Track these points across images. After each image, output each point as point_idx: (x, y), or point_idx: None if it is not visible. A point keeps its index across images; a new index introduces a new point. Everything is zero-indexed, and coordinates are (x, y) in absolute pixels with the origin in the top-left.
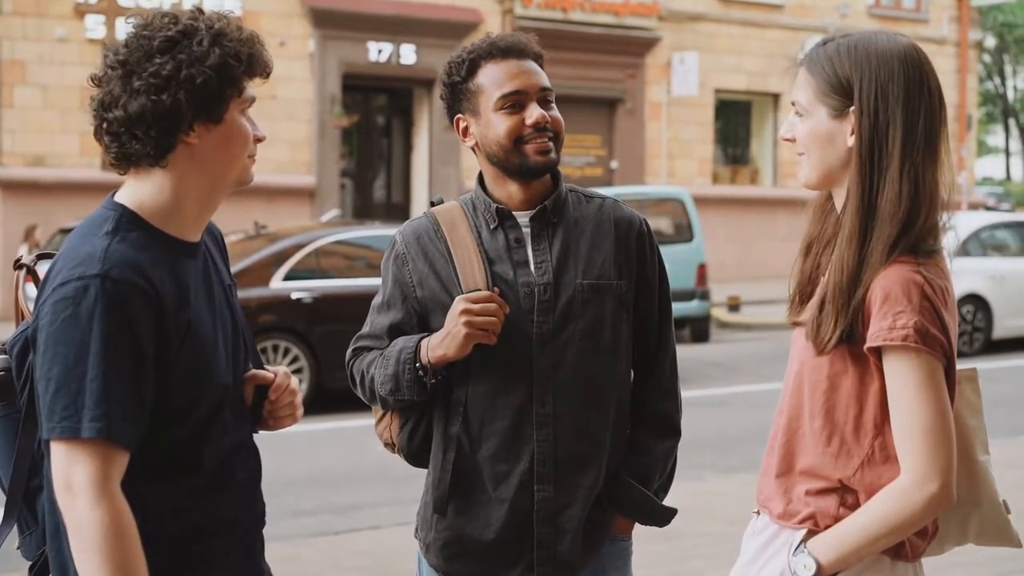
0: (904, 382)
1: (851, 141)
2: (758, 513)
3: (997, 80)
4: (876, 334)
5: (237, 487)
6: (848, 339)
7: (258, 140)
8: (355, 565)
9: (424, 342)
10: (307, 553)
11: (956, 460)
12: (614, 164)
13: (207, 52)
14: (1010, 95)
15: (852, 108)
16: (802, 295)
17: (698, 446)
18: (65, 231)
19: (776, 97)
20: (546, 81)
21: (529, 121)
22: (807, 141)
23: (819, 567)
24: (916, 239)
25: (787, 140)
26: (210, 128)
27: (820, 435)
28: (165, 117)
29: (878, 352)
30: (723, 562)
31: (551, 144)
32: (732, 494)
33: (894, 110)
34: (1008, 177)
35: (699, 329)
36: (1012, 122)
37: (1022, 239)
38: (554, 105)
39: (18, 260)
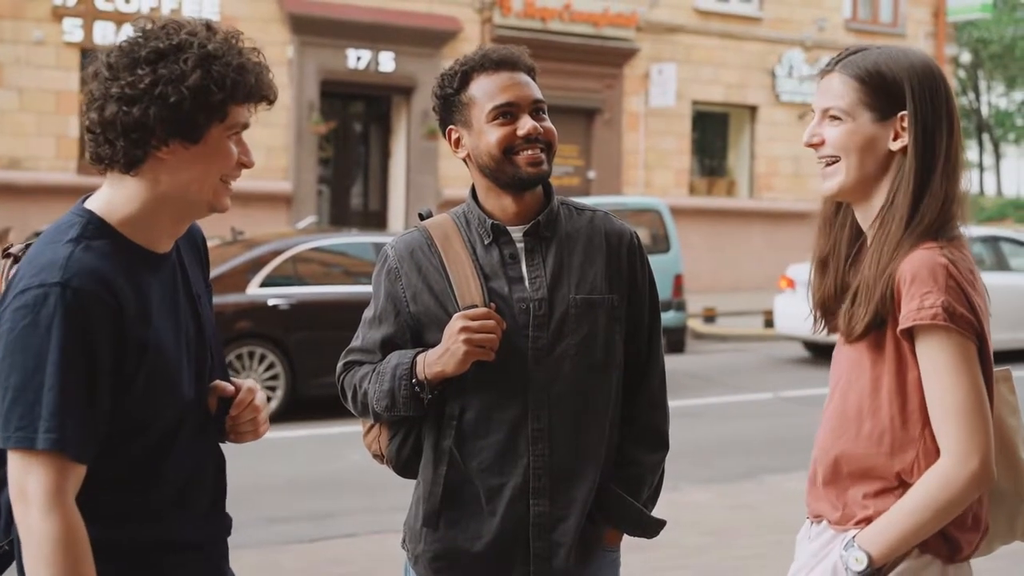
0: (936, 362)
1: (895, 145)
2: (811, 521)
3: (972, 95)
4: (906, 315)
5: (199, 503)
6: (879, 326)
7: (244, 166)
8: (331, 573)
9: (420, 358)
10: (283, 560)
11: (993, 438)
12: (591, 174)
13: (188, 73)
14: (984, 110)
15: (902, 112)
16: (825, 311)
17: (673, 457)
18: (40, 234)
19: (753, 109)
20: (538, 93)
21: (521, 132)
22: (847, 144)
23: (870, 559)
24: (938, 229)
25: (811, 144)
26: (187, 147)
27: (871, 437)
28: (134, 129)
29: (911, 337)
30: (697, 572)
31: (543, 155)
32: (707, 505)
33: (940, 115)
34: (981, 192)
35: (675, 340)
36: (986, 137)
37: (996, 253)
38: (547, 117)
39: (6, 249)
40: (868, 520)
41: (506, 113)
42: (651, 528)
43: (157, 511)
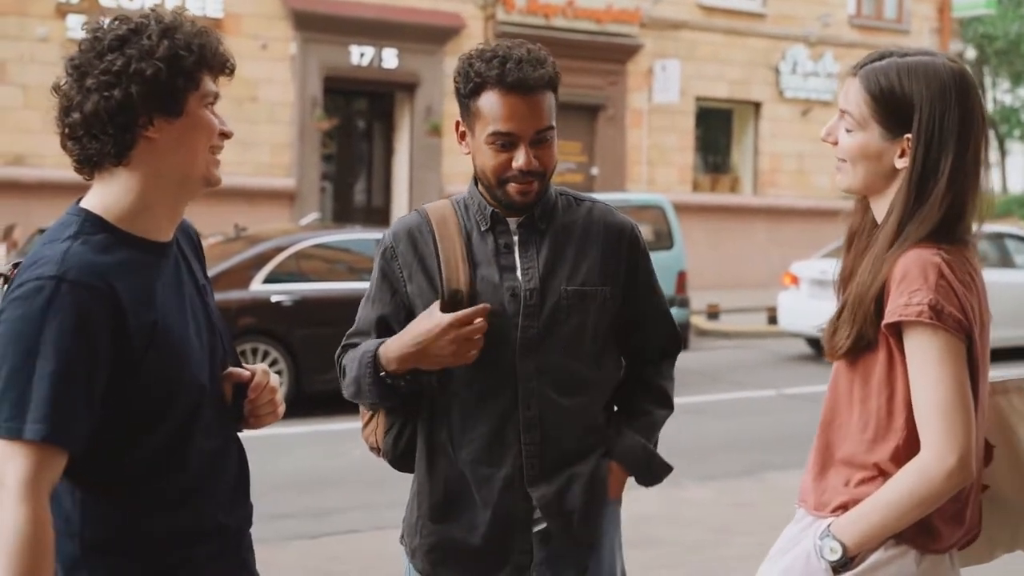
0: (921, 359)
1: (899, 163)
2: (798, 505)
3: None
4: (892, 311)
5: (223, 490)
6: (864, 347)
7: (224, 135)
8: (332, 569)
9: (383, 349)
10: (283, 556)
11: (975, 436)
12: (595, 171)
13: (156, 45)
14: (989, 107)
15: (907, 135)
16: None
17: (675, 453)
18: (44, 231)
19: (757, 106)
20: (546, 119)
21: (515, 165)
22: (855, 154)
23: (844, 548)
24: (929, 236)
25: (826, 141)
26: (171, 122)
27: (857, 425)
28: (119, 112)
29: (898, 333)
30: (697, 570)
31: (534, 186)
32: (708, 502)
33: (948, 140)
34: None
35: None
36: (992, 133)
37: (1000, 250)
38: (551, 139)
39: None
40: (845, 507)
41: (505, 143)
42: (659, 471)
43: (183, 501)
